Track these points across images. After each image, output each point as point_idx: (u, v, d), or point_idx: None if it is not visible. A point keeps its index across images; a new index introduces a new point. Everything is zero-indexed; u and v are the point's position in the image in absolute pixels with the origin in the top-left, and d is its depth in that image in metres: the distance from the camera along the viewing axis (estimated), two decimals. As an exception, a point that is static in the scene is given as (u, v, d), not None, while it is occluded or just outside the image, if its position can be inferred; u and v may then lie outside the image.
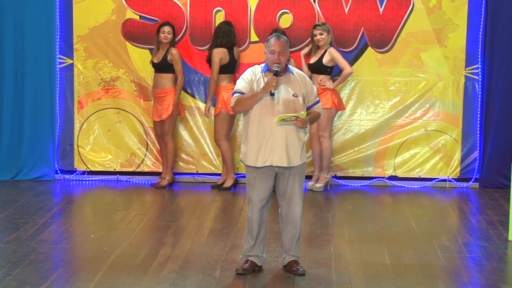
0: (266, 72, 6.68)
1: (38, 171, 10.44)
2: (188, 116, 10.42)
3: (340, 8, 10.22)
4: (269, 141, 6.61)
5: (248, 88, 6.65)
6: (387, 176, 10.43)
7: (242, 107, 6.65)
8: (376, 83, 10.31)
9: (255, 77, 6.68)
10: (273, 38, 6.64)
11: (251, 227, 6.79)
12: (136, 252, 7.34)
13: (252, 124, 6.65)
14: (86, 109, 10.46)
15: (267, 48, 6.64)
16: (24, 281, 6.47)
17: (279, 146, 6.61)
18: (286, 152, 6.62)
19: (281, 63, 6.59)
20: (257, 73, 6.70)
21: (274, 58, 6.59)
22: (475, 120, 10.30)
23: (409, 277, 6.77)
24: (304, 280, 6.66)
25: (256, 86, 6.64)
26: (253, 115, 6.64)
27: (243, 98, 6.62)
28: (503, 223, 8.46)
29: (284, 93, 6.62)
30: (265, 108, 6.60)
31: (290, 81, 6.67)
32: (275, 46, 6.59)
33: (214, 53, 9.86)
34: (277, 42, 6.60)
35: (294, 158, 6.66)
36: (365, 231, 8.23)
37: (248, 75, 6.71)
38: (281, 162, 6.63)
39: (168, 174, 10.16)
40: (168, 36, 9.88)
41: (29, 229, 8.02)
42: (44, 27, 10.27)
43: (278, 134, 6.60)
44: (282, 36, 6.67)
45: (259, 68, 6.74)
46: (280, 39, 6.62)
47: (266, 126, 6.60)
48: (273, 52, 6.59)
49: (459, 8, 10.15)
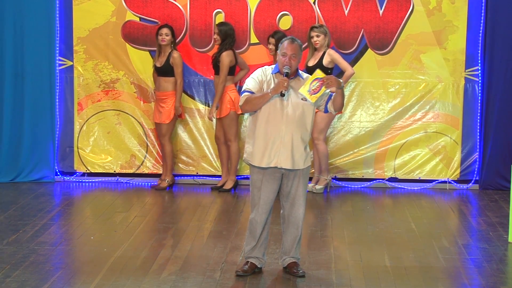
0: (277, 73, 6.66)
1: (38, 173, 10.44)
2: (188, 118, 10.42)
3: (340, 10, 10.22)
4: (276, 143, 6.60)
5: (258, 88, 6.62)
6: (387, 177, 10.43)
7: (251, 106, 6.62)
8: (376, 85, 10.32)
9: (265, 78, 6.67)
10: (287, 41, 6.62)
11: (253, 229, 6.78)
12: (136, 254, 7.34)
13: (260, 124, 6.63)
14: (86, 111, 10.47)
15: (280, 50, 6.62)
16: (24, 283, 6.47)
17: (285, 148, 6.60)
18: (292, 154, 6.62)
19: (291, 66, 6.57)
20: (268, 74, 6.68)
21: (285, 61, 6.56)
22: (475, 121, 10.30)
23: (409, 279, 6.77)
24: (304, 281, 6.66)
25: (266, 87, 6.63)
26: (261, 116, 6.62)
27: (252, 97, 6.59)
28: (503, 224, 8.46)
29: (294, 97, 6.59)
30: (274, 109, 6.58)
31: (300, 85, 6.63)
32: (287, 49, 6.56)
33: (224, 56, 9.82)
34: (290, 46, 6.58)
35: (299, 161, 6.67)
36: (365, 233, 8.23)
37: (259, 75, 6.69)
38: (286, 164, 6.63)
39: (168, 176, 10.16)
40: (166, 38, 9.87)
41: (29, 231, 8.02)
42: (44, 29, 10.27)
43: (285, 135, 6.59)
44: (296, 40, 6.64)
45: (269, 69, 6.72)
46: (293, 43, 6.59)
47: (274, 127, 6.58)
48: (285, 55, 6.56)
49: (459, 10, 10.15)
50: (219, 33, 9.84)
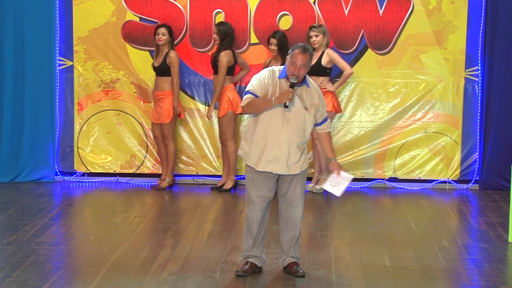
0: (284, 79, 6.58)
1: (38, 173, 10.44)
2: (188, 118, 10.42)
3: (340, 10, 10.22)
4: (273, 151, 6.58)
5: (263, 92, 6.56)
6: (387, 177, 10.43)
7: (253, 110, 6.58)
8: (376, 85, 10.31)
9: (272, 81, 6.58)
10: (299, 50, 6.47)
11: (250, 227, 6.78)
12: (136, 254, 7.34)
13: (260, 129, 6.60)
14: (86, 111, 10.47)
15: (290, 57, 6.50)
16: (24, 283, 6.47)
17: (282, 155, 6.58)
18: (287, 163, 6.60)
19: (299, 76, 6.50)
20: (275, 77, 6.60)
21: (294, 70, 6.47)
22: (475, 121, 10.31)
23: (409, 279, 6.77)
24: (304, 281, 6.66)
25: (271, 91, 6.57)
26: (261, 120, 6.59)
27: (256, 101, 6.54)
28: (503, 224, 8.46)
29: (297, 105, 6.55)
30: (276, 116, 6.54)
31: (304, 93, 6.59)
32: (298, 59, 6.46)
33: (222, 55, 9.81)
34: (301, 56, 6.46)
35: (295, 168, 6.65)
36: (365, 233, 8.22)
37: (266, 76, 6.61)
38: (282, 171, 6.63)
39: (168, 176, 10.16)
40: (162, 38, 9.87)
41: (29, 231, 8.02)
42: (44, 29, 10.27)
43: (283, 144, 6.56)
44: (308, 50, 6.50)
45: (277, 71, 6.63)
46: (305, 53, 6.47)
47: (274, 134, 6.56)
48: (295, 64, 6.47)
49: (459, 10, 10.15)
50: (218, 32, 9.84)
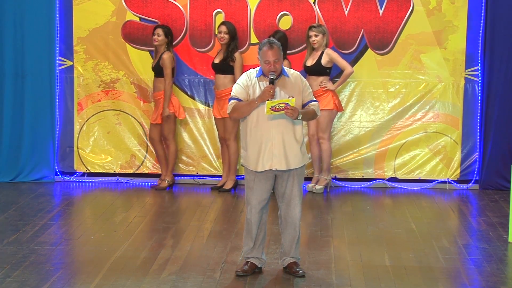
0: (261, 76, 6.68)
1: (38, 172, 10.44)
2: (188, 118, 10.42)
3: (340, 10, 10.22)
4: (268, 145, 6.62)
5: (244, 94, 6.66)
6: (387, 177, 10.43)
7: (238, 114, 6.67)
8: (376, 85, 10.31)
9: (250, 82, 6.69)
10: (266, 47, 6.58)
11: (250, 229, 6.80)
12: (136, 254, 7.34)
13: (250, 130, 6.67)
14: (86, 111, 10.47)
15: (261, 58, 6.61)
16: (24, 283, 6.47)
17: (277, 149, 6.62)
18: (285, 155, 6.63)
19: (276, 71, 6.59)
20: (252, 78, 6.71)
21: (270, 67, 6.57)
22: (475, 121, 10.30)
23: (409, 279, 6.77)
24: (304, 281, 6.66)
25: (252, 91, 6.65)
26: (250, 121, 6.66)
27: (240, 105, 6.64)
28: (503, 224, 8.46)
29: (282, 96, 6.61)
30: (262, 113, 6.59)
31: (286, 83, 6.67)
32: (269, 56, 6.56)
33: (239, 56, 9.85)
34: (270, 52, 6.56)
35: (293, 160, 6.67)
36: (365, 233, 8.23)
37: (244, 80, 6.72)
38: (280, 165, 6.65)
39: (168, 176, 10.16)
40: (158, 39, 9.87)
41: (29, 231, 8.02)
42: (44, 29, 10.27)
43: (275, 137, 6.61)
44: (274, 43, 6.60)
45: (254, 72, 6.74)
46: (273, 48, 6.57)
47: (264, 130, 6.62)
48: (268, 63, 6.57)
49: (459, 10, 10.15)
50: (228, 31, 9.82)
